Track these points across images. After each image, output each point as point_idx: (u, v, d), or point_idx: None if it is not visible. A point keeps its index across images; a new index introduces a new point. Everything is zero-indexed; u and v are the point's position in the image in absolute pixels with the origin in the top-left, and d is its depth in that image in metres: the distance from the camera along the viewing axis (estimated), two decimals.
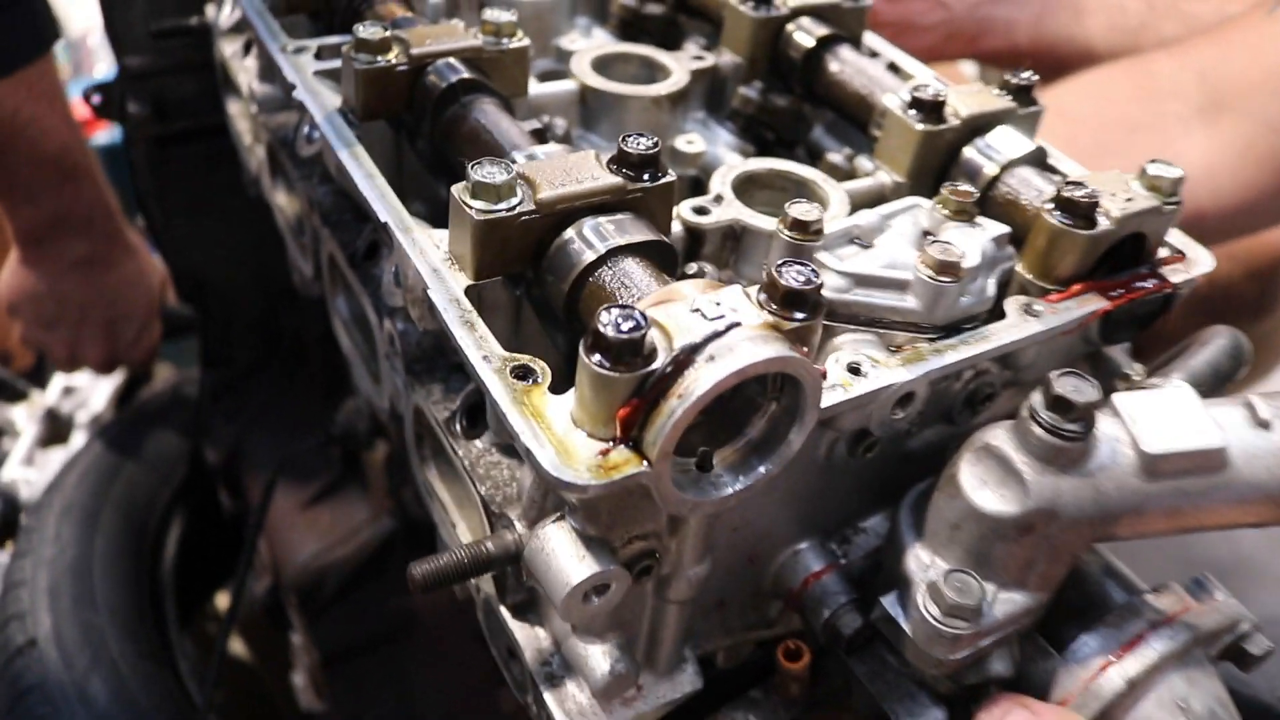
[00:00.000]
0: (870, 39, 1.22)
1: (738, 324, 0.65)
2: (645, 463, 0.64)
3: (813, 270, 0.67)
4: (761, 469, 0.71)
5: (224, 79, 1.55)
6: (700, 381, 0.62)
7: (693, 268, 0.85)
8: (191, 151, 1.76)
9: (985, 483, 0.75)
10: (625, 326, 0.62)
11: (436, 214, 1.01)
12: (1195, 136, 1.47)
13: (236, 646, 2.30)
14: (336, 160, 0.94)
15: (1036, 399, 0.73)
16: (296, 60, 1.07)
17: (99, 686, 1.70)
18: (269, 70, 1.28)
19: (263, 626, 2.11)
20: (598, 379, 0.63)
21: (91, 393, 2.66)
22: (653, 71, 1.12)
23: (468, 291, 0.77)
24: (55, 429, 2.68)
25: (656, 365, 0.63)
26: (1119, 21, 1.92)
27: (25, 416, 2.75)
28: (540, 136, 0.92)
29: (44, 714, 1.62)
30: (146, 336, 2.04)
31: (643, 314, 0.63)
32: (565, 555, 0.71)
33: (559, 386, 0.70)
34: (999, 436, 0.75)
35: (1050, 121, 1.39)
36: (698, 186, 1.08)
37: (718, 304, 0.66)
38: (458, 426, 0.88)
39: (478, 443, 0.86)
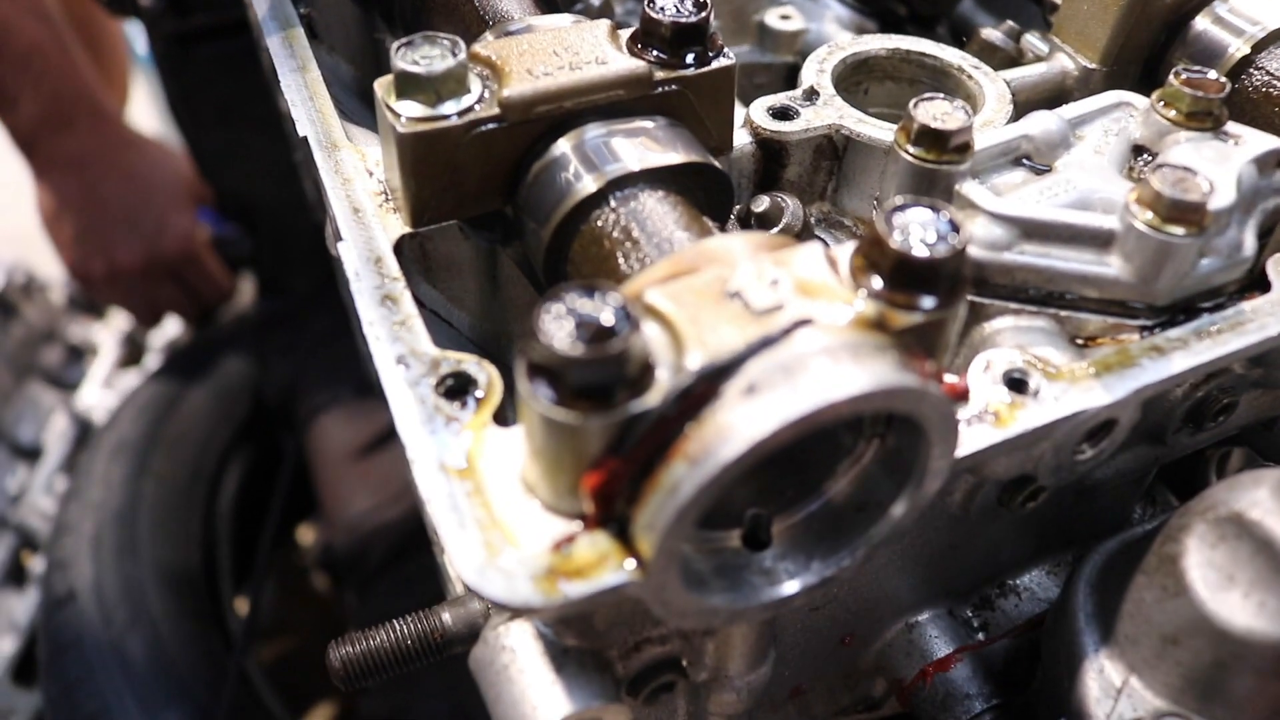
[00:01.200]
0: None
1: (807, 321, 0.35)
2: (633, 566, 0.36)
3: (949, 222, 0.37)
4: (845, 557, 0.41)
5: None
6: (730, 436, 0.33)
7: (762, 202, 0.54)
8: (216, 51, 1.52)
9: (1233, 580, 0.45)
10: (591, 334, 0.33)
11: None
12: None
13: (294, 599, 2.14)
14: (266, 45, 0.66)
15: None
16: None
17: (137, 647, 1.58)
18: None
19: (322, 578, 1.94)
20: (548, 426, 0.34)
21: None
22: None
23: (401, 245, 0.49)
24: (134, 351, 2.57)
25: (652, 402, 0.34)
26: None
27: (106, 335, 2.64)
28: (549, 3, 0.62)
29: (78, 675, 1.51)
30: (176, 229, 1.84)
31: (626, 306, 0.34)
32: (530, 679, 0.43)
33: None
34: (1263, 506, 0.44)
35: None
36: (795, 80, 0.77)
37: (775, 282, 0.37)
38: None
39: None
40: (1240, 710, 0.46)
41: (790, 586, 0.41)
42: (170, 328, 2.48)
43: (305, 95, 0.60)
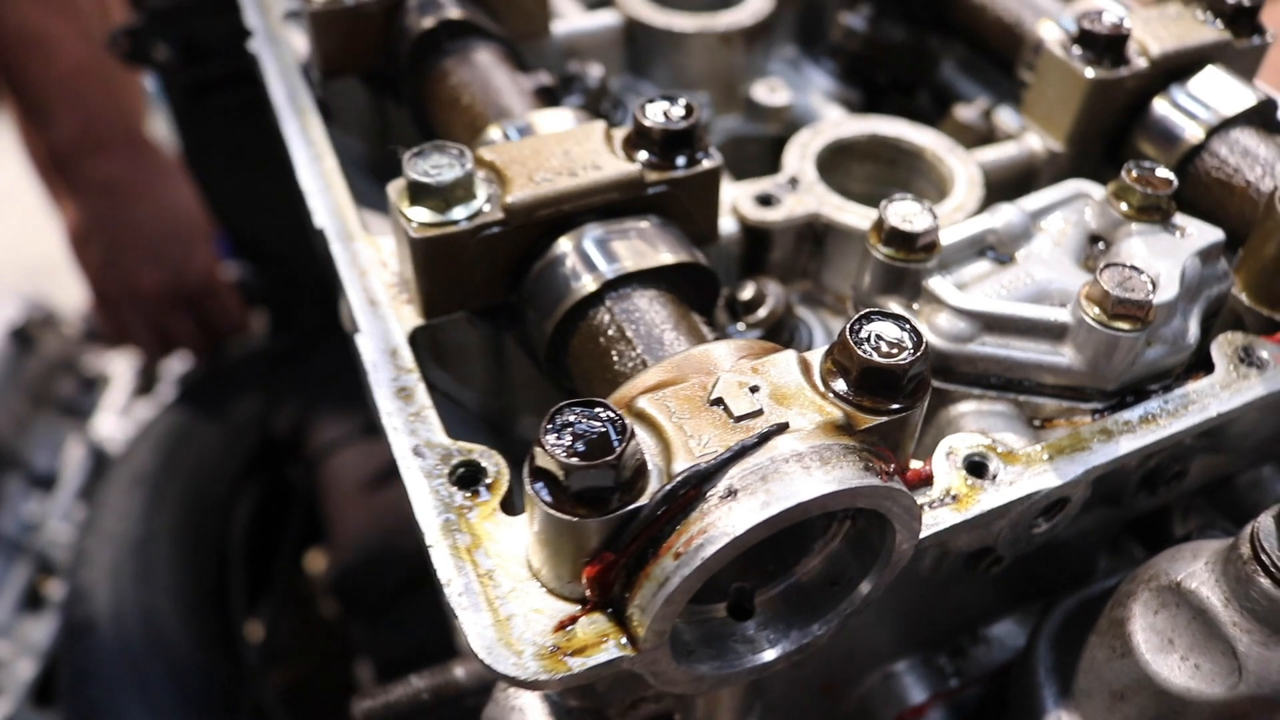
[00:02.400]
0: None
1: (782, 427, 0.40)
2: (625, 644, 0.40)
3: (912, 331, 0.41)
4: (818, 627, 0.46)
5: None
6: (712, 535, 0.38)
7: (748, 290, 0.59)
8: (230, 99, 1.56)
9: (1172, 645, 0.49)
10: (590, 447, 0.37)
11: None
12: None
13: (303, 625, 2.18)
14: (283, 132, 0.71)
15: (1266, 529, 0.46)
16: None
17: (156, 673, 1.63)
18: None
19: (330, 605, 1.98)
20: (550, 523, 0.39)
21: None
22: None
23: (415, 336, 0.53)
24: (148, 381, 2.63)
25: (643, 502, 0.38)
26: None
27: (120, 366, 2.70)
28: (548, 96, 0.67)
29: (100, 702, 1.57)
30: (201, 259, 1.89)
31: (620, 419, 0.38)
32: None
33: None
34: (1198, 577, 0.48)
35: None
36: (780, 148, 0.82)
37: (754, 389, 0.41)
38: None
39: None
40: None
41: (771, 654, 0.45)
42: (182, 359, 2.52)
43: (323, 185, 0.65)
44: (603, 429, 0.38)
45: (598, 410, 0.38)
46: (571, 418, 0.38)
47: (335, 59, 0.73)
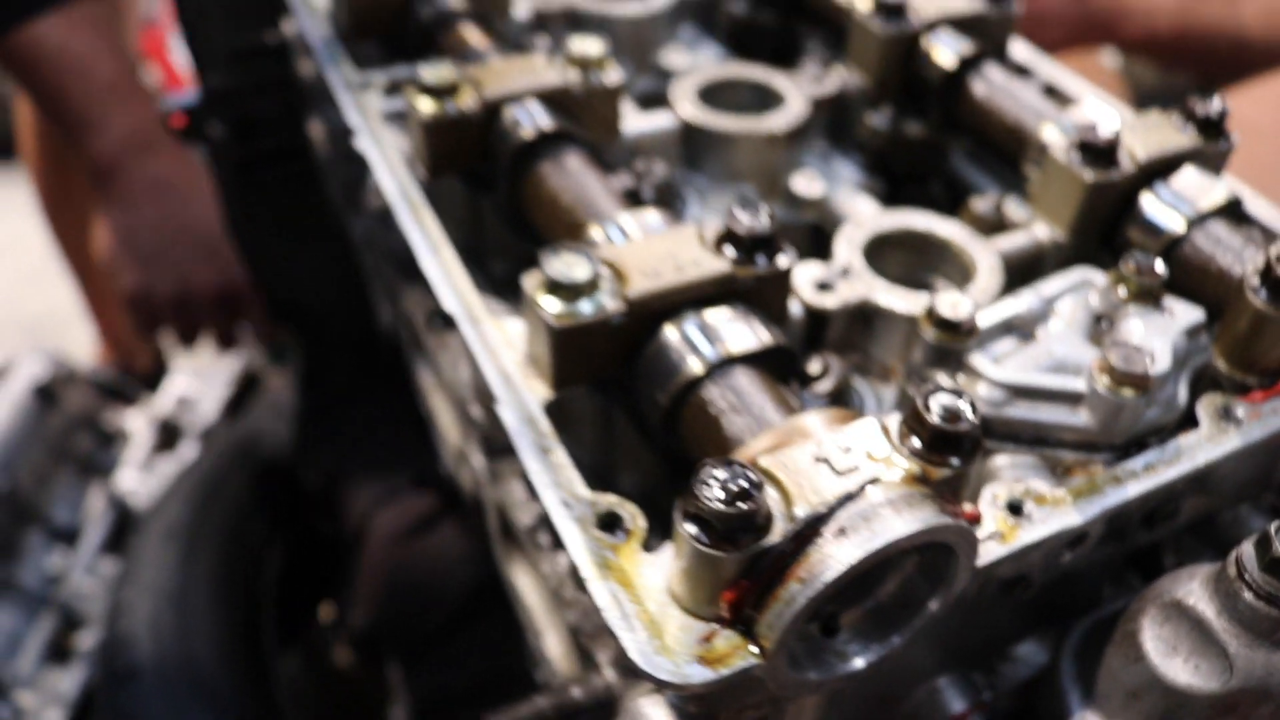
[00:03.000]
0: (1017, 49, 1.06)
1: (875, 480, 0.51)
2: (754, 654, 0.51)
3: (969, 402, 0.53)
4: (895, 638, 0.57)
5: (305, 97, 1.45)
6: (829, 564, 0.49)
7: (815, 365, 0.71)
8: (276, 173, 1.68)
9: (1175, 650, 0.61)
10: (729, 495, 0.49)
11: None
12: None
13: (325, 675, 2.26)
14: (400, 226, 0.83)
15: (1248, 554, 0.58)
16: (362, 99, 0.96)
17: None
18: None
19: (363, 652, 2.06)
20: (698, 557, 0.50)
21: (203, 400, 2.66)
22: (766, 98, 0.98)
23: (547, 408, 0.65)
24: (169, 436, 2.70)
25: (772, 541, 0.50)
26: (1276, 6, 1.72)
27: (140, 423, 2.76)
28: (634, 198, 0.79)
29: None
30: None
31: (754, 474, 0.50)
32: None
33: (660, 523, 0.57)
34: (1195, 594, 0.60)
35: None
36: (818, 233, 0.94)
37: (848, 450, 0.53)
38: (543, 539, 0.76)
39: (563, 559, 0.74)
40: None
41: (860, 662, 0.56)
42: (206, 411, 2.61)
43: (444, 274, 0.76)
44: (743, 482, 0.49)
45: (736, 468, 0.50)
46: (717, 473, 0.50)
47: (440, 160, 0.85)
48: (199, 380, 2.79)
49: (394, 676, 1.81)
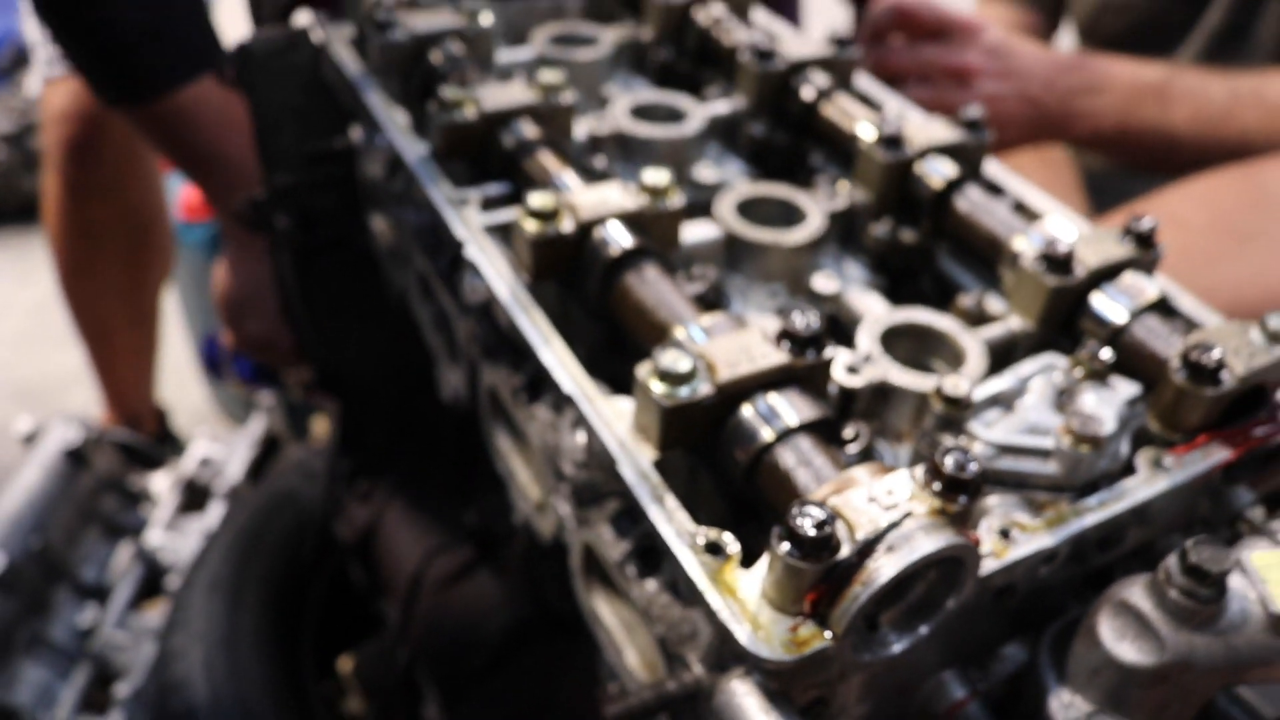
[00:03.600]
0: (990, 168, 1.30)
1: (910, 513, 0.74)
2: (830, 638, 0.73)
3: (971, 459, 0.76)
4: (922, 629, 0.79)
5: (367, 196, 1.67)
6: (883, 571, 0.71)
7: (848, 431, 0.93)
8: (333, 259, 1.88)
9: (1124, 636, 0.83)
10: (816, 525, 0.71)
11: (594, 358, 1.12)
12: None
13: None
14: (511, 321, 1.04)
15: (1173, 564, 0.80)
16: (465, 214, 1.18)
17: None
18: (418, 198, 1.39)
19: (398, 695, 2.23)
20: (790, 568, 0.72)
21: (228, 463, 2.84)
22: (790, 212, 1.21)
23: (655, 465, 0.86)
24: (193, 497, 2.86)
25: (843, 556, 0.72)
26: (1204, 109, 1.99)
27: (164, 484, 2.93)
28: (702, 302, 1.01)
29: None
30: None
31: (830, 508, 0.72)
32: (754, 711, 0.80)
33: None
34: (1136, 594, 0.82)
35: (1164, 228, 1.47)
36: (834, 324, 1.17)
37: (890, 492, 0.75)
38: (631, 569, 0.97)
39: (650, 584, 0.95)
40: (1138, 710, 0.84)
41: (897, 647, 0.78)
42: (231, 473, 2.79)
43: (557, 362, 0.98)
44: (824, 515, 0.71)
45: (818, 506, 0.72)
46: (806, 509, 0.72)
47: (541, 270, 1.07)
48: (223, 443, 2.98)
49: (431, 713, 1.98)
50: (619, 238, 1.04)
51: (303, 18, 1.72)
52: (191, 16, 1.88)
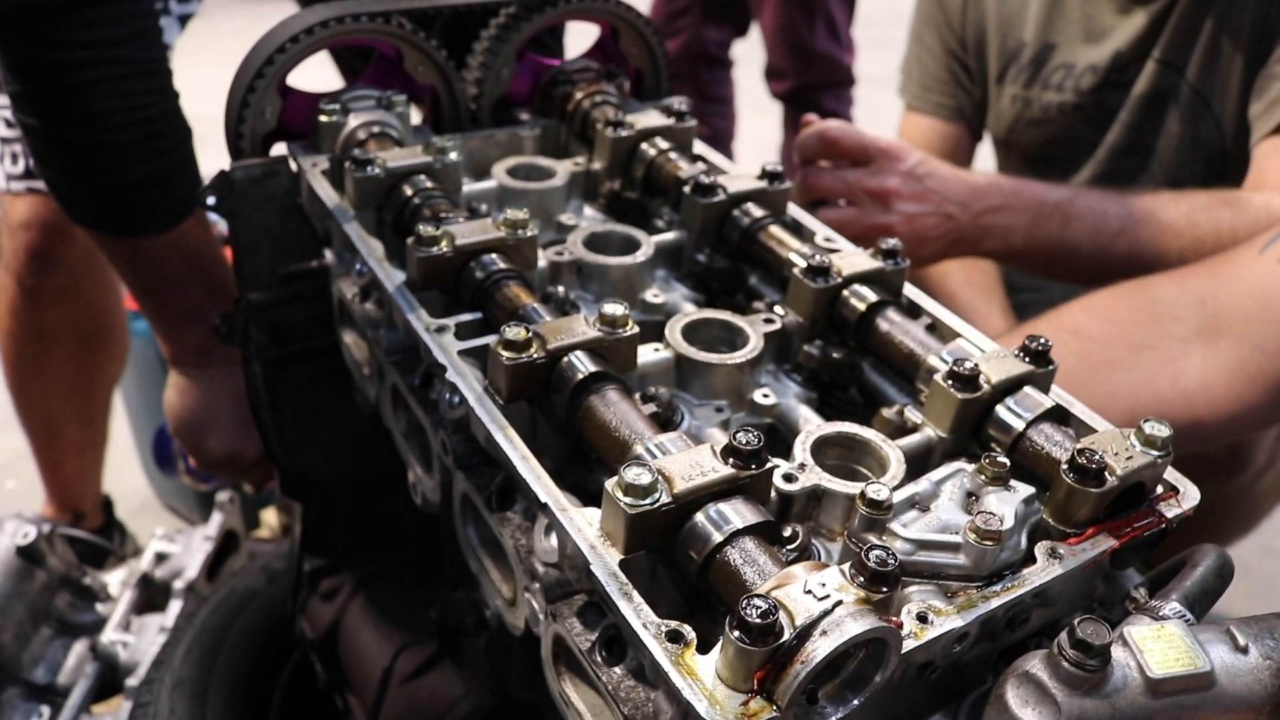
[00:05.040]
0: (909, 290, 1.46)
1: (841, 602, 0.88)
2: (776, 710, 0.87)
3: (891, 554, 0.90)
4: (855, 700, 0.93)
5: (340, 313, 1.80)
6: (818, 651, 0.85)
7: (787, 530, 1.07)
8: (303, 369, 2.00)
9: (1026, 702, 0.97)
10: (761, 614, 0.85)
11: (560, 467, 1.25)
12: (1194, 356, 1.73)
13: None
14: (487, 435, 1.18)
15: (1064, 639, 0.95)
16: (441, 340, 1.31)
17: None
18: (393, 321, 1.52)
19: None
20: (741, 651, 0.85)
21: (185, 560, 2.89)
22: (731, 334, 1.37)
23: (621, 565, 1.00)
24: (150, 595, 2.90)
25: (785, 639, 0.86)
26: (1101, 227, 2.21)
27: (120, 581, 2.97)
28: (658, 420, 1.16)
29: None
30: None
31: (773, 600, 0.86)
32: None
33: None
34: (1036, 665, 0.97)
35: (1066, 340, 1.66)
36: (773, 432, 1.32)
37: (823, 584, 0.89)
38: (599, 657, 1.10)
39: (617, 670, 1.08)
40: None
41: (834, 717, 0.91)
42: (189, 572, 2.85)
43: (533, 475, 1.11)
44: (768, 606, 0.85)
45: (762, 600, 0.86)
46: (755, 602, 0.85)
47: (514, 393, 1.21)
48: (179, 540, 3.04)
49: None
50: (583, 365, 1.19)
51: (280, 148, 1.86)
52: (186, 164, 2.03)
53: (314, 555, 2.33)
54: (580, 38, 2.12)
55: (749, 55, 5.77)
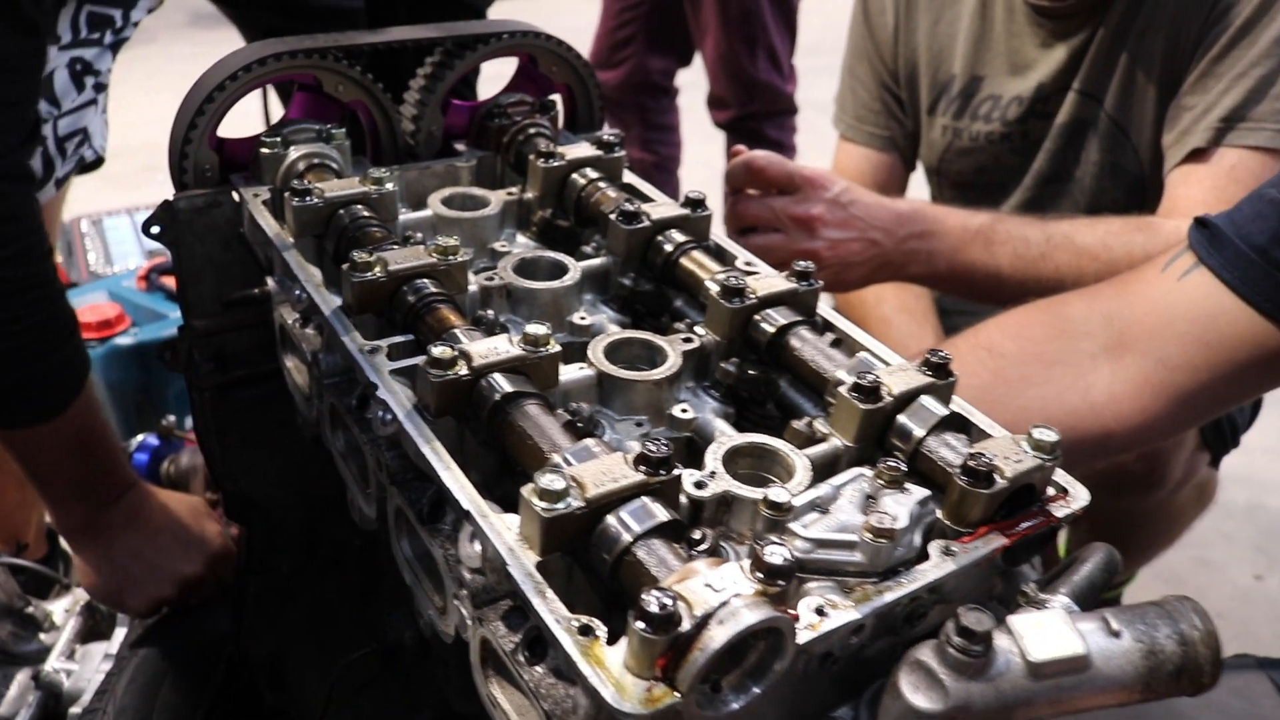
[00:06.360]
0: (822, 309, 1.54)
1: (738, 594, 0.94)
2: (678, 695, 0.93)
3: (787, 550, 0.97)
4: (755, 689, 0.99)
5: (282, 338, 1.85)
6: (715, 639, 0.91)
7: (697, 534, 1.14)
8: (247, 394, 2.05)
9: (918, 688, 1.04)
10: (660, 605, 0.91)
11: (488, 479, 1.31)
12: (1102, 371, 1.82)
13: None
14: (417, 450, 1.24)
15: (950, 626, 1.02)
16: (374, 360, 1.37)
17: None
18: (331, 344, 1.58)
19: None
20: (644, 640, 0.92)
21: None
22: (652, 353, 1.44)
23: (538, 566, 1.06)
24: (94, 623, 2.90)
25: (684, 629, 0.92)
26: (1023, 251, 2.31)
27: (64, 610, 2.97)
28: (572, 428, 1.22)
29: None
30: (215, 519, 2.32)
31: (673, 592, 0.92)
32: None
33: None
34: (926, 654, 1.04)
35: (982, 357, 1.74)
36: (691, 445, 1.39)
37: (722, 578, 0.96)
38: (522, 657, 1.15)
39: (538, 668, 1.13)
40: None
41: (736, 704, 0.97)
42: None
43: (456, 485, 1.17)
44: (668, 599, 0.91)
45: (665, 591, 0.92)
46: (656, 594, 0.92)
47: (441, 408, 1.27)
48: None
49: None
50: (504, 382, 1.25)
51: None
52: (69, 360, 2.04)
53: (259, 578, 2.36)
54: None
55: (695, 83, 5.88)
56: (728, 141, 5.53)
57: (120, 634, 2.73)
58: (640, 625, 0.91)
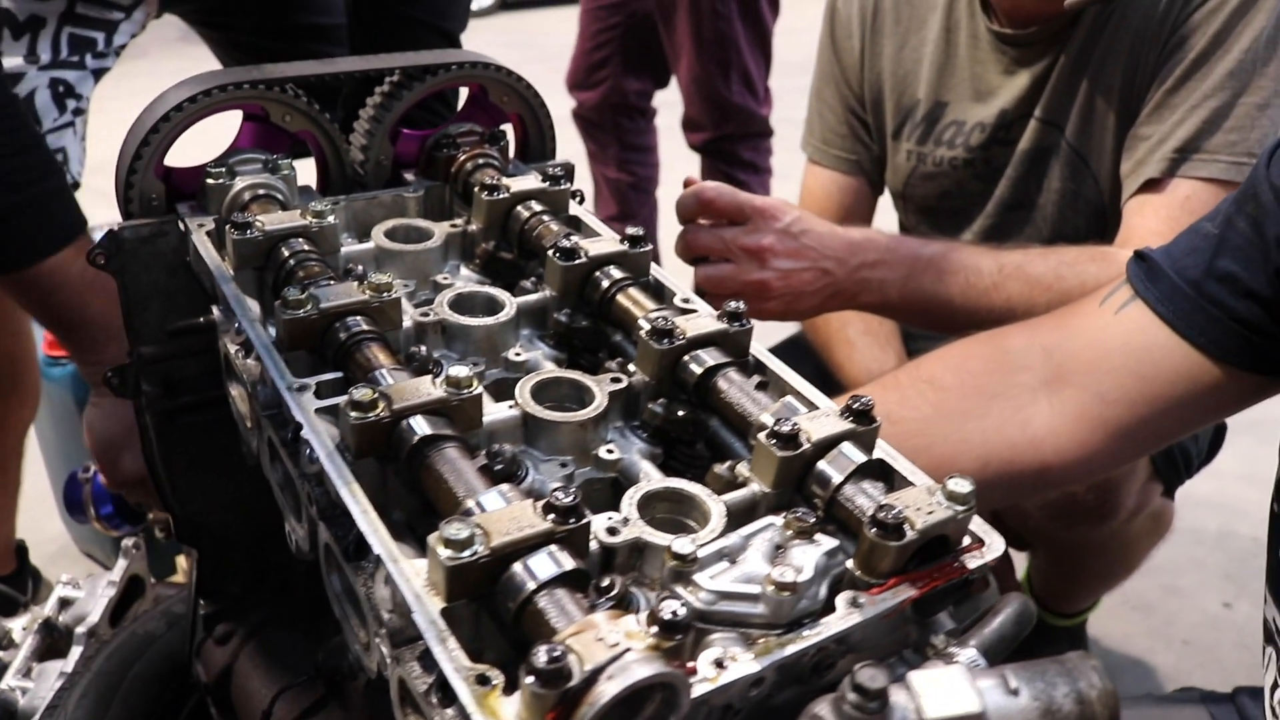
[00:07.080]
0: (755, 349, 1.55)
1: (630, 649, 0.95)
2: None
3: (683, 605, 0.98)
4: None
5: (226, 367, 1.86)
6: (604, 694, 0.92)
7: (606, 581, 1.15)
8: (195, 420, 2.05)
9: None
10: (550, 659, 0.92)
11: (412, 519, 1.32)
12: (1041, 404, 1.83)
13: None
14: (336, 492, 1.24)
15: (846, 684, 1.03)
16: (300, 399, 1.38)
17: None
18: (264, 378, 1.58)
19: None
20: (534, 694, 0.92)
21: (89, 606, 2.91)
22: (580, 393, 1.45)
23: (442, 613, 1.07)
24: (52, 641, 2.91)
25: (574, 683, 0.93)
26: (974, 282, 2.32)
27: (21, 629, 2.97)
28: (488, 472, 1.23)
29: None
30: None
31: (565, 647, 0.93)
32: None
33: (510, 682, 0.99)
34: (824, 708, 1.04)
35: (923, 390, 1.75)
36: (617, 486, 1.39)
37: (616, 632, 0.97)
38: (434, 699, 1.16)
39: (449, 711, 1.14)
40: None
41: None
42: (91, 617, 2.86)
43: (370, 528, 1.18)
44: (561, 654, 0.92)
45: (558, 647, 0.93)
46: (546, 649, 0.92)
47: (361, 450, 1.27)
48: (84, 585, 3.05)
49: None
50: (421, 426, 1.26)
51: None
52: (57, 194, 2.08)
53: (210, 600, 2.36)
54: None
55: (673, 103, 5.90)
56: (702, 165, 5.55)
57: (75, 652, 2.74)
58: (530, 680, 0.92)
